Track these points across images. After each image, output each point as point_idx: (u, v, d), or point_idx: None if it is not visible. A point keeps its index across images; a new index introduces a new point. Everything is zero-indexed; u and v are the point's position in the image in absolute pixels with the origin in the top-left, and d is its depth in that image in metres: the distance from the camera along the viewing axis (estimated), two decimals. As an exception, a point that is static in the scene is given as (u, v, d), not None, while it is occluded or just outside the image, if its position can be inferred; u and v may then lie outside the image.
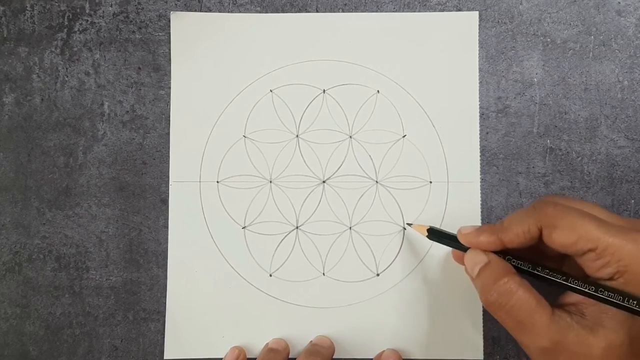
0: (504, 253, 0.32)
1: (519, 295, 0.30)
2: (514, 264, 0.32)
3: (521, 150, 0.40)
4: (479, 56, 0.40)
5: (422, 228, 0.36)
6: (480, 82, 0.40)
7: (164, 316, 0.39)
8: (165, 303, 0.39)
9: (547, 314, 0.29)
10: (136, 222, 0.40)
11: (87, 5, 0.41)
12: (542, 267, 0.31)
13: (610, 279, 0.28)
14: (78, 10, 0.41)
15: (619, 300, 0.28)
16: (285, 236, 0.39)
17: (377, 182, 0.39)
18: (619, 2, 0.40)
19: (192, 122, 0.40)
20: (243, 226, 0.39)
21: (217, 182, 0.40)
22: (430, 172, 0.39)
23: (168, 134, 0.40)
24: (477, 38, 0.40)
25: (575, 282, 0.30)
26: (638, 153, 0.39)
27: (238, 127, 0.40)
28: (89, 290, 0.40)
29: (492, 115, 0.40)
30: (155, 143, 0.40)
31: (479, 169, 0.39)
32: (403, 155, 0.40)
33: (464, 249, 0.34)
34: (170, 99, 0.40)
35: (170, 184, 0.40)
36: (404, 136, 0.40)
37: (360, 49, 0.40)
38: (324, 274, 0.39)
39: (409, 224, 0.39)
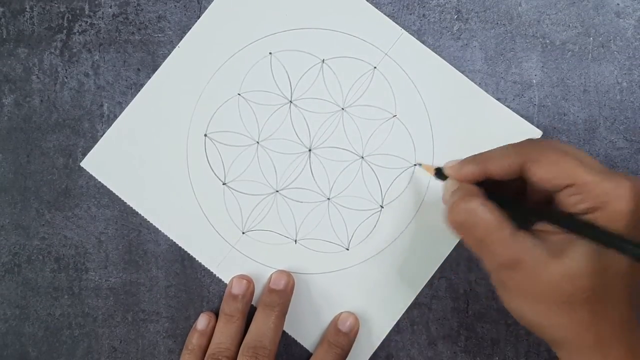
0: (488, 188, 0.32)
1: (480, 214, 0.29)
2: (495, 198, 0.31)
3: (520, 152, 0.40)
4: (479, 58, 0.40)
5: (430, 169, 0.37)
6: (479, 84, 0.40)
7: (163, 317, 0.39)
8: (164, 304, 0.39)
9: (507, 232, 0.29)
10: (135, 224, 0.40)
11: (87, 7, 0.41)
12: (522, 203, 0.31)
13: (585, 212, 0.28)
14: (77, 11, 0.41)
15: (592, 230, 0.27)
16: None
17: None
18: (618, 4, 0.40)
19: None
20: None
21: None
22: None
23: (167, 135, 0.40)
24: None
25: (551, 211, 0.29)
26: (637, 154, 0.39)
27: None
28: (88, 291, 0.40)
29: (491, 117, 0.40)
30: (154, 144, 0.40)
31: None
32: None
33: None
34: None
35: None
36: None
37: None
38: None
39: (419, 164, 0.39)
